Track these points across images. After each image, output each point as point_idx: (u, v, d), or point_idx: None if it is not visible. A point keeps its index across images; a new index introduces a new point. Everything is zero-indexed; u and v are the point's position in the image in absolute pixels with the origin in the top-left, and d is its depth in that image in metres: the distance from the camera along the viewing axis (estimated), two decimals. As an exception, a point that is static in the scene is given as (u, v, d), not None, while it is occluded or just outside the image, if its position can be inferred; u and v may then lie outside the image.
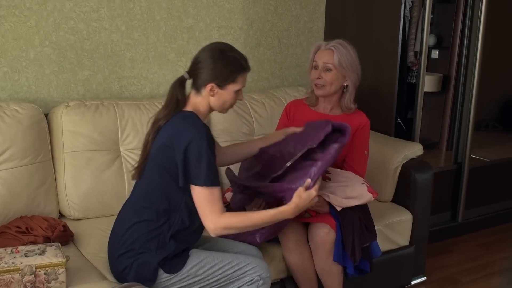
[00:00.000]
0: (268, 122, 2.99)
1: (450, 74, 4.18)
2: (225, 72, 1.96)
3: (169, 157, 1.92)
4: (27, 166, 2.38)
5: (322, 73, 2.45)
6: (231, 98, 2.02)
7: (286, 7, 3.36)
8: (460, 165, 3.58)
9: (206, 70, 1.96)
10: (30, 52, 2.62)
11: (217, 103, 2.01)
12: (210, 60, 1.96)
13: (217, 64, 1.96)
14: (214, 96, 1.99)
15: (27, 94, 2.65)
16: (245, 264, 2.02)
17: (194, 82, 2.01)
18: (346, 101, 2.51)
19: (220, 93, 1.98)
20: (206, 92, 1.98)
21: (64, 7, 2.66)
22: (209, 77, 1.96)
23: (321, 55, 2.46)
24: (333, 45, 2.45)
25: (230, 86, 1.99)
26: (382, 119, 3.19)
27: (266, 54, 3.35)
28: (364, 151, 2.51)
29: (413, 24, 3.53)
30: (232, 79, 1.98)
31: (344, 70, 2.43)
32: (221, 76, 1.96)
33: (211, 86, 1.96)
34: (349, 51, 2.45)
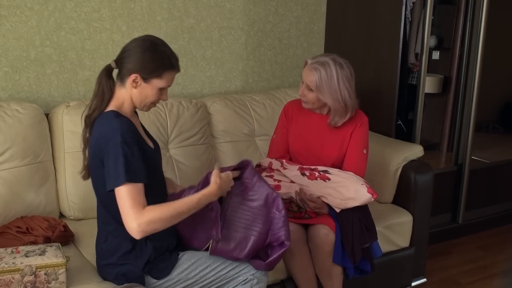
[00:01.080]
0: (269, 123, 3.00)
1: (450, 75, 4.18)
2: (152, 65, 1.87)
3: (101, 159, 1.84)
4: (28, 166, 2.38)
5: (305, 90, 2.43)
6: (153, 94, 1.91)
7: (287, 8, 3.36)
8: (461, 167, 3.58)
9: (133, 59, 1.87)
10: (31, 52, 2.62)
11: (139, 97, 1.91)
12: (139, 49, 1.88)
13: (146, 55, 1.87)
14: (137, 89, 1.89)
15: (28, 94, 2.65)
16: (238, 264, 1.98)
17: (119, 71, 1.92)
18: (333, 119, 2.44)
19: (143, 86, 1.89)
20: (129, 83, 1.88)
21: (65, 7, 2.66)
22: (134, 67, 1.86)
23: (306, 73, 2.41)
24: (315, 66, 2.37)
25: (154, 81, 1.89)
26: (382, 120, 3.19)
27: (267, 54, 3.35)
28: (363, 149, 2.49)
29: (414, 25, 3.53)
30: (158, 74, 1.88)
31: (320, 94, 2.38)
32: (147, 68, 1.86)
33: (135, 77, 1.87)
34: (332, 72, 2.35)
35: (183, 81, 3.06)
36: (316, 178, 2.37)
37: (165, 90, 1.95)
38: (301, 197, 2.31)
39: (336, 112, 2.42)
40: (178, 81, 3.04)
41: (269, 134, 2.92)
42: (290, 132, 2.56)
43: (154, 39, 1.95)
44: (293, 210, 2.36)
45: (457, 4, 4.03)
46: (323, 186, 2.33)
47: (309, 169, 2.41)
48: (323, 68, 2.35)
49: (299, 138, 2.54)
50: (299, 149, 2.53)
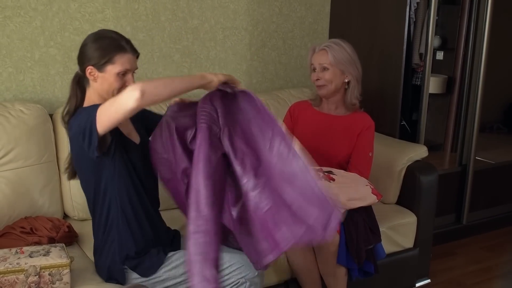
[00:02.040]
0: (273, 124, 2.99)
1: (455, 75, 4.17)
2: (99, 52, 1.86)
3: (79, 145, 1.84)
4: (32, 166, 2.38)
5: (320, 73, 2.47)
6: (114, 81, 1.88)
7: (291, 8, 3.36)
8: (465, 167, 3.57)
9: (82, 54, 1.90)
10: (35, 52, 2.63)
11: (102, 87, 1.89)
12: (84, 43, 1.91)
13: (91, 46, 1.88)
14: (97, 81, 1.89)
15: (32, 94, 2.66)
16: (229, 264, 1.93)
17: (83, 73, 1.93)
18: (349, 97, 2.52)
19: (101, 76, 1.88)
20: (88, 78, 1.90)
21: (69, 8, 2.67)
22: (85, 60, 1.88)
23: (316, 57, 2.50)
24: (326, 45, 2.48)
25: (109, 68, 1.86)
26: (387, 120, 3.18)
27: (270, 55, 3.35)
28: (368, 153, 2.51)
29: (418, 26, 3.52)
30: (108, 60, 1.86)
31: (341, 66, 2.46)
32: (95, 57, 1.86)
33: (90, 69, 1.87)
34: (343, 47, 2.48)
35: (187, 81, 3.06)
36: (321, 178, 2.36)
37: (129, 75, 1.91)
38: None
39: (354, 87, 2.50)
40: (182, 81, 3.04)
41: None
42: (296, 132, 2.57)
43: (101, 30, 1.98)
44: (297, 211, 2.35)
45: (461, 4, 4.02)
46: (328, 187, 2.32)
47: (313, 170, 2.41)
48: (334, 44, 2.47)
49: (305, 138, 2.53)
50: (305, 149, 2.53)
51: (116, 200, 1.92)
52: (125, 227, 1.94)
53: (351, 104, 2.54)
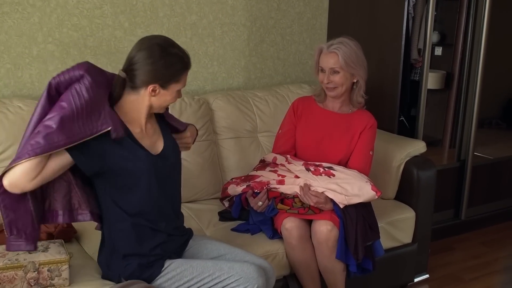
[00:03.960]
0: (271, 119, 2.99)
1: (453, 71, 4.16)
2: (168, 73, 1.83)
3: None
4: (30, 162, 2.38)
5: (330, 76, 2.45)
6: (172, 97, 1.89)
7: (289, 4, 3.36)
8: (463, 163, 3.57)
9: (145, 71, 1.80)
10: (33, 48, 2.62)
11: (158, 102, 1.87)
12: (150, 60, 1.80)
13: (158, 65, 1.80)
14: (156, 97, 1.85)
15: (30, 90, 2.66)
16: (228, 276, 1.86)
17: (131, 80, 1.84)
18: (356, 95, 2.53)
19: (163, 93, 1.85)
20: (147, 92, 1.83)
21: (67, 4, 2.66)
22: (150, 79, 1.81)
23: (326, 59, 2.46)
24: (336, 47, 2.44)
25: (173, 86, 1.85)
26: (385, 116, 3.18)
27: (269, 51, 3.35)
28: (369, 151, 2.53)
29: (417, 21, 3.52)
30: (175, 79, 1.85)
31: (351, 69, 2.44)
32: (164, 77, 1.82)
33: (153, 87, 1.82)
34: (352, 48, 2.45)
35: (185, 77, 3.05)
36: (321, 173, 2.37)
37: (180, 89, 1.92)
38: (305, 192, 2.30)
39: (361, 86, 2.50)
40: (180, 77, 3.04)
41: (271, 131, 2.92)
42: (299, 128, 2.57)
43: (161, 41, 1.86)
44: (296, 206, 2.36)
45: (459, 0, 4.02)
46: (328, 182, 2.33)
47: (313, 165, 2.42)
48: (343, 46, 2.43)
49: (308, 134, 2.54)
50: (307, 145, 2.54)
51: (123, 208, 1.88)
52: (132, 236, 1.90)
53: (357, 103, 2.54)
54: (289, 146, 2.57)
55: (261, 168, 2.53)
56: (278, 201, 2.39)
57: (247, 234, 2.43)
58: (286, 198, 2.39)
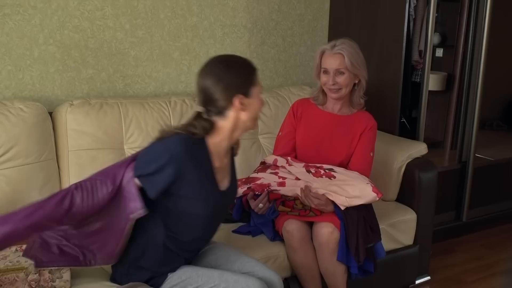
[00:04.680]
0: (273, 121, 2.99)
1: (454, 72, 4.16)
2: (243, 78, 1.79)
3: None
4: (32, 164, 2.38)
5: (336, 77, 2.45)
6: (259, 103, 1.84)
7: (290, 6, 3.35)
8: (465, 164, 3.57)
9: (223, 89, 1.76)
10: (34, 50, 2.62)
11: (250, 115, 1.82)
12: (221, 78, 1.76)
13: (231, 77, 1.77)
14: (245, 110, 1.80)
15: (32, 92, 2.65)
16: (233, 285, 1.83)
17: (214, 108, 1.79)
18: (356, 96, 2.53)
19: (249, 102, 1.79)
20: (236, 109, 1.78)
21: (68, 6, 2.66)
22: (231, 92, 1.76)
23: (330, 60, 2.45)
24: (340, 48, 2.44)
25: (253, 90, 1.81)
26: (386, 118, 3.18)
27: (270, 52, 3.35)
28: (370, 152, 2.52)
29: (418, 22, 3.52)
30: (252, 82, 1.81)
31: (356, 69, 2.45)
32: (242, 84, 1.78)
33: (240, 99, 1.77)
34: (355, 49, 2.46)
35: (186, 79, 3.06)
36: (322, 175, 2.37)
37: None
38: (306, 194, 2.30)
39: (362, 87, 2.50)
40: (181, 79, 3.04)
41: (272, 132, 2.92)
42: (299, 130, 2.56)
43: (218, 60, 1.83)
44: (297, 208, 2.36)
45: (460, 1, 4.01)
46: (328, 184, 2.33)
47: (314, 167, 2.41)
48: (347, 47, 2.44)
49: (308, 136, 2.54)
50: (307, 147, 2.53)
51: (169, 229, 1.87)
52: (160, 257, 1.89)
53: (357, 104, 2.54)
54: (290, 148, 2.57)
55: (262, 170, 2.53)
56: (279, 203, 2.39)
57: (248, 236, 2.43)
58: (287, 200, 2.39)
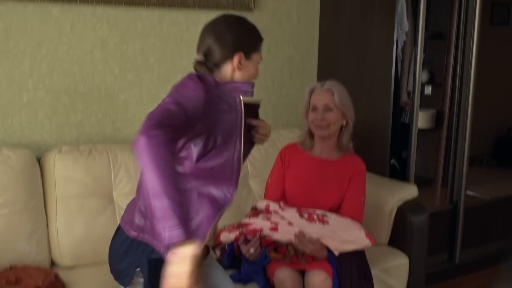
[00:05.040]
0: (263, 165, 2.97)
1: (443, 110, 4.18)
2: (250, 39, 1.77)
3: None
4: (19, 213, 2.35)
5: (324, 113, 2.47)
6: (255, 70, 1.80)
7: (279, 48, 3.37)
8: (456, 205, 3.56)
9: (229, 40, 1.73)
10: (23, 95, 2.62)
11: (243, 77, 1.78)
12: (231, 28, 1.75)
13: (240, 31, 1.75)
14: (241, 70, 1.76)
15: (20, 138, 2.63)
16: None
17: (209, 60, 1.76)
18: (344, 139, 2.53)
19: (247, 65, 1.77)
20: (232, 66, 1.75)
21: (57, 50, 2.67)
22: (234, 47, 1.73)
23: (320, 96, 2.49)
24: (330, 86, 2.49)
25: (254, 56, 1.79)
26: (376, 159, 3.18)
27: (259, 95, 3.32)
28: (361, 197, 2.51)
29: (406, 64, 3.55)
30: (256, 47, 1.79)
31: (344, 108, 2.48)
32: (247, 43, 1.76)
33: (239, 56, 1.74)
34: (344, 90, 2.51)
35: (176, 122, 3.04)
36: (315, 220, 2.35)
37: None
38: (301, 239, 2.27)
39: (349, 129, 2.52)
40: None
41: (263, 177, 2.89)
42: (287, 176, 2.55)
43: (234, 15, 1.82)
44: (289, 254, 2.33)
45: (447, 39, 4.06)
46: (322, 229, 2.31)
47: (307, 212, 2.40)
48: (337, 86, 2.50)
49: (297, 182, 2.53)
50: (297, 193, 2.52)
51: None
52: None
53: (346, 148, 2.54)
54: (279, 195, 2.55)
55: (254, 215, 2.51)
56: (271, 249, 2.36)
57: (239, 284, 2.39)
58: (279, 246, 2.36)
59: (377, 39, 3.18)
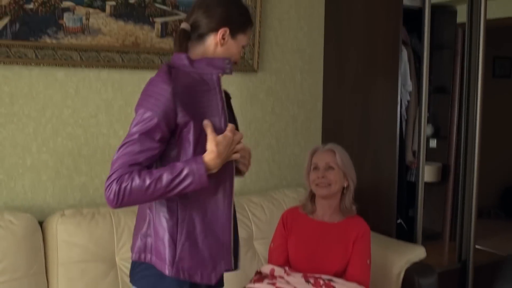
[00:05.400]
0: (268, 226, 2.94)
1: (449, 163, 4.18)
2: (241, 17, 1.76)
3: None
4: (19, 280, 2.30)
5: (325, 172, 2.47)
6: (237, 53, 1.77)
7: (283, 107, 3.39)
8: (465, 263, 3.49)
9: (218, 12, 1.71)
10: (27, 159, 2.61)
11: (223, 55, 1.74)
12: (225, 3, 1.74)
13: (232, 9, 1.74)
14: (223, 46, 1.73)
15: (23, 201, 2.62)
16: None
17: (195, 30, 1.73)
18: (347, 202, 2.50)
19: (230, 43, 1.74)
20: (217, 39, 1.72)
21: (62, 114, 2.68)
22: (222, 21, 1.71)
23: (321, 156, 2.51)
24: (332, 146, 2.52)
25: (240, 37, 1.76)
26: (382, 220, 3.13)
27: (264, 154, 3.35)
28: (366, 260, 2.46)
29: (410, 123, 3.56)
30: (244, 29, 1.76)
31: (346, 168, 2.48)
32: (236, 21, 1.74)
33: (224, 31, 1.71)
34: (345, 152, 2.53)
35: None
36: (321, 286, 2.31)
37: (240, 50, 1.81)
38: None
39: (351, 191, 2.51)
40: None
41: (268, 238, 2.85)
42: (290, 241, 2.52)
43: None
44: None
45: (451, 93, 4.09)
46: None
47: (313, 277, 2.35)
48: (339, 148, 2.54)
49: (300, 247, 2.49)
50: (300, 258, 2.48)
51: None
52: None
53: (348, 210, 2.51)
54: (283, 260, 2.51)
55: (259, 280, 2.46)
56: None
57: None
58: (284, 312, 2.31)
59: (381, 100, 3.18)
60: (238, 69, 3.14)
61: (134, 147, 1.62)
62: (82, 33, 2.66)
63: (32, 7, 2.53)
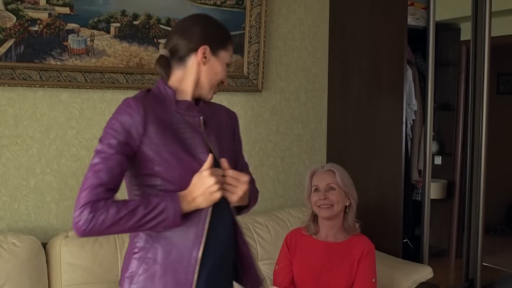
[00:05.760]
0: (273, 247, 2.91)
1: (454, 180, 4.16)
2: (218, 34, 1.72)
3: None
4: (22, 304, 2.29)
5: (327, 193, 2.45)
6: (222, 70, 1.72)
7: (288, 127, 3.38)
8: (472, 282, 3.45)
9: (196, 32, 1.68)
10: (31, 180, 2.60)
11: (208, 75, 1.69)
12: (201, 22, 1.72)
13: (209, 26, 1.71)
14: (206, 65, 1.68)
15: (26, 223, 2.61)
16: None
17: (176, 52, 1.69)
18: (349, 220, 2.49)
19: (213, 60, 1.69)
20: (198, 58, 1.67)
21: (66, 135, 2.68)
22: (201, 39, 1.67)
23: (321, 177, 2.49)
24: (331, 166, 2.52)
25: (222, 54, 1.71)
26: (388, 238, 3.11)
27: (269, 173, 3.33)
28: (371, 279, 2.44)
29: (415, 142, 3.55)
30: (224, 45, 1.72)
31: (346, 188, 2.46)
32: (215, 37, 1.70)
33: (204, 49, 1.67)
34: (345, 171, 2.52)
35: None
36: None
37: (225, 68, 1.75)
38: None
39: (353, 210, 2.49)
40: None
41: (274, 258, 2.83)
42: (295, 262, 2.50)
43: (202, 14, 1.82)
44: None
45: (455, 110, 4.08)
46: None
47: (319, 298, 2.34)
48: (338, 167, 2.52)
49: (305, 268, 2.47)
50: (306, 279, 2.46)
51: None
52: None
53: (350, 228, 2.50)
54: (288, 282, 2.49)
55: (264, 302, 2.44)
56: None
57: None
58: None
59: (386, 119, 3.17)
60: (243, 89, 3.14)
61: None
62: (87, 54, 2.67)
63: (37, 29, 2.53)
